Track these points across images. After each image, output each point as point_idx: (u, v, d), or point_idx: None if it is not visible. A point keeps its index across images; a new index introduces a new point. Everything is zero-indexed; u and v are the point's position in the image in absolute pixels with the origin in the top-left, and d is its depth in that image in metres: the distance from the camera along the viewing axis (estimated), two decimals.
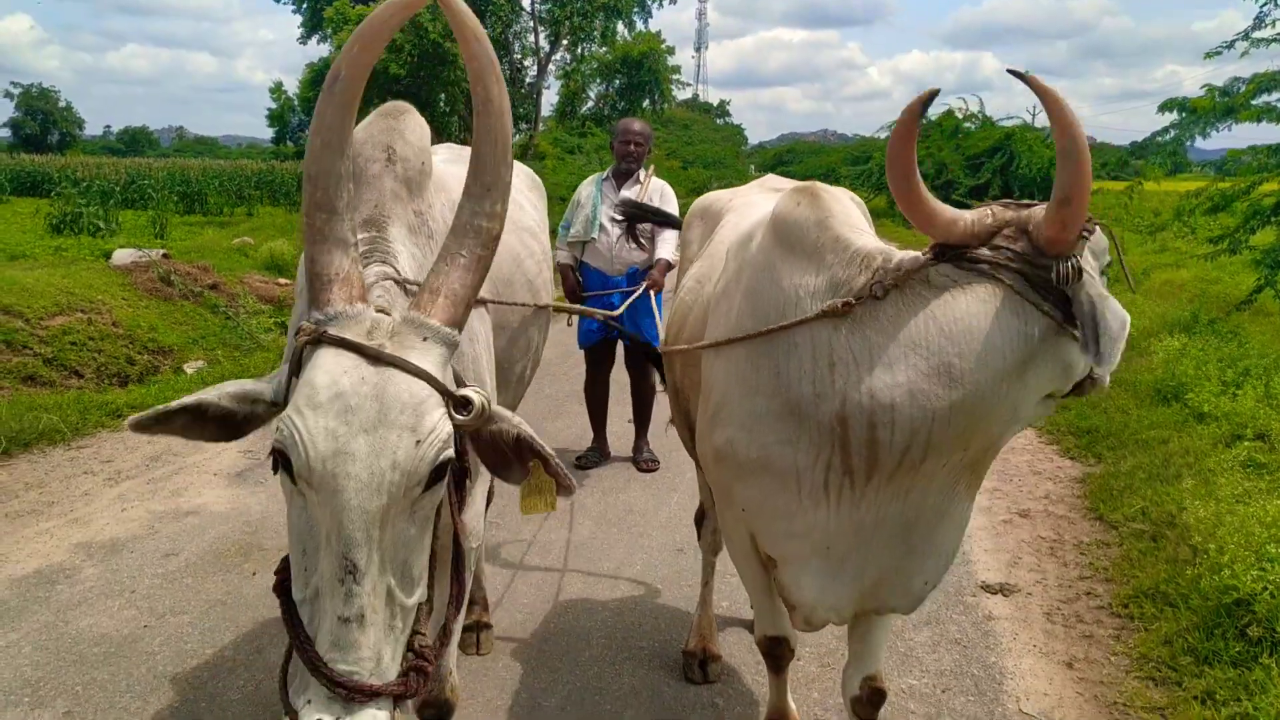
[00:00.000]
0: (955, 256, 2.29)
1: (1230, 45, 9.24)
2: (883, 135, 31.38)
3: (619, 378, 6.77)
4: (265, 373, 6.47)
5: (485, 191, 1.89)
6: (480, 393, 1.82)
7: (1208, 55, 9.22)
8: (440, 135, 31.36)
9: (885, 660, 2.99)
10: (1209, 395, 6.86)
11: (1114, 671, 4.03)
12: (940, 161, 24.89)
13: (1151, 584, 4.53)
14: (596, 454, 6.64)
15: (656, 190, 6.15)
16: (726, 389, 2.60)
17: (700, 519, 4.15)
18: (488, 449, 1.94)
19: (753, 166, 66.11)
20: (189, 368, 8.80)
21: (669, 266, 5.90)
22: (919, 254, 2.35)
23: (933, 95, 2.33)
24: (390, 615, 1.70)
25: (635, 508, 5.80)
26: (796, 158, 67.10)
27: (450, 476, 1.91)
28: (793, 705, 3.31)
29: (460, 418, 1.78)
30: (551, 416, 7.77)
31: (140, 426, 1.83)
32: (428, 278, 1.86)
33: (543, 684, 3.82)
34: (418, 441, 1.67)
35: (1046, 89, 2.12)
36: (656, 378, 6.54)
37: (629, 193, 6.13)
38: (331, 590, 1.64)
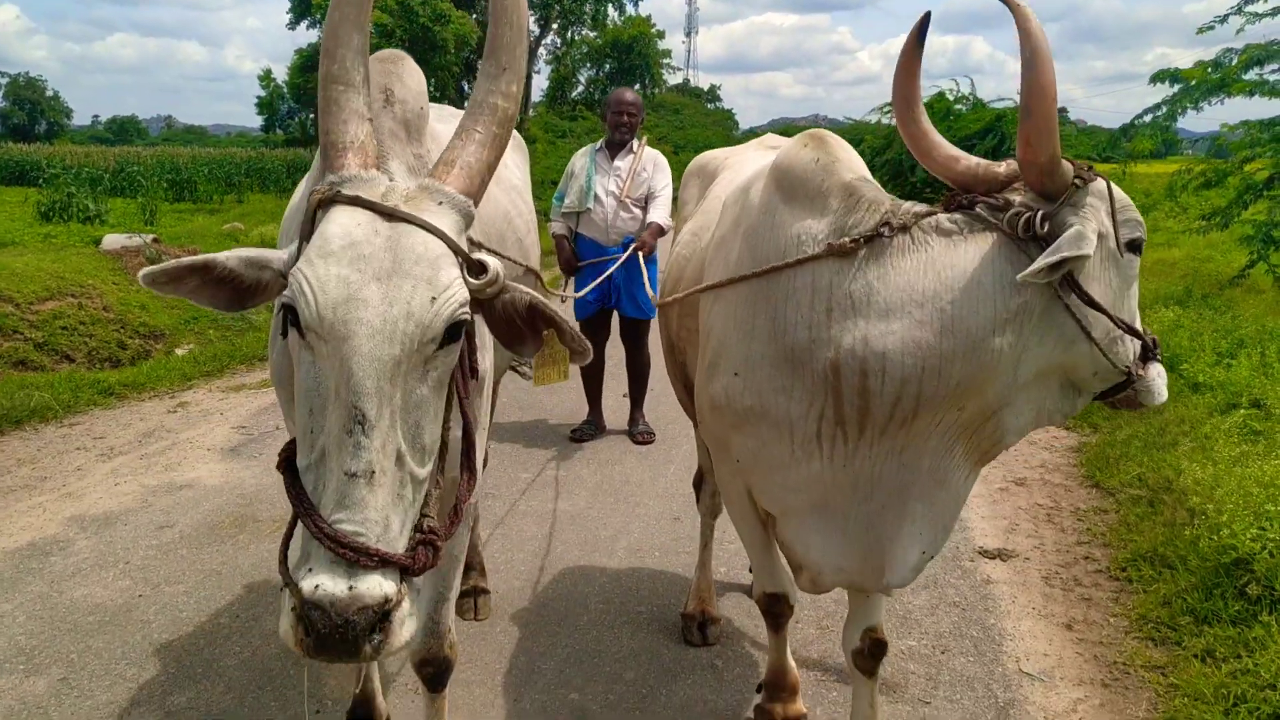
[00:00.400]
0: (965, 206, 2.30)
1: (1224, 20, 9.24)
2: (873, 119, 31.30)
3: (614, 352, 6.74)
4: (257, 352, 6.46)
5: (500, 71, 1.87)
6: (495, 260, 1.79)
7: (1201, 30, 9.22)
8: None
9: (885, 623, 2.97)
10: (1204, 365, 6.86)
11: (1113, 632, 4.02)
12: None
13: (1149, 547, 4.53)
14: (592, 427, 6.62)
15: (650, 160, 6.12)
16: (724, 335, 2.57)
17: (699, 483, 4.13)
18: (500, 322, 1.89)
19: None
20: (180, 350, 8.76)
21: (661, 231, 5.87)
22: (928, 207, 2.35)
23: (927, 16, 2.40)
24: (400, 482, 1.63)
25: (632, 479, 5.78)
26: None
27: (464, 348, 1.87)
28: (793, 664, 3.30)
29: (476, 281, 1.74)
30: (546, 391, 7.73)
31: (153, 279, 1.76)
32: (444, 152, 1.84)
33: (541, 648, 3.81)
34: (433, 295, 1.64)
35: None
36: (652, 350, 6.54)
37: (622, 163, 6.10)
38: (339, 445, 1.57)
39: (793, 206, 2.44)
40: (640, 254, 5.41)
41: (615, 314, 6.49)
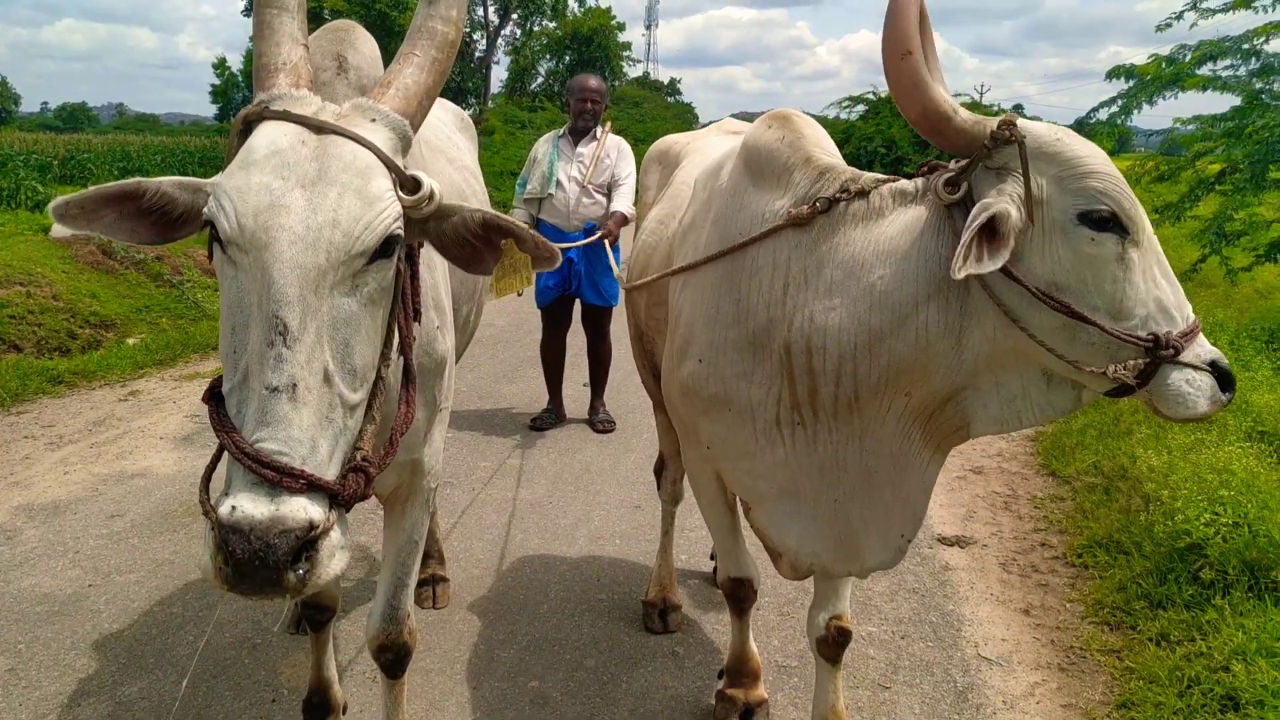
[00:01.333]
0: (931, 171, 2.20)
1: (1179, 16, 9.33)
2: (832, 113, 31.45)
3: (575, 342, 6.70)
4: (211, 341, 6.34)
5: None
6: (431, 181, 1.72)
7: (1159, 27, 9.30)
8: None
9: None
10: None
11: (1069, 617, 4.06)
12: (890, 138, 24.98)
13: (1105, 533, 4.58)
14: (552, 415, 6.57)
15: (613, 147, 6.09)
16: (692, 321, 2.54)
17: (660, 470, 4.11)
18: (453, 245, 1.83)
19: None
20: (132, 340, 8.59)
21: (625, 220, 5.84)
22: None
23: None
24: (328, 404, 1.54)
25: (592, 467, 5.75)
26: None
27: (405, 284, 1.81)
28: (755, 650, 3.29)
29: (409, 198, 1.68)
30: (506, 380, 7.69)
31: (65, 211, 1.65)
32: (381, 76, 1.82)
33: (500, 635, 3.77)
34: (362, 204, 1.58)
35: None
36: (613, 339, 6.52)
37: (585, 150, 6.06)
38: (260, 360, 1.48)
39: (759, 186, 2.41)
40: (607, 243, 5.38)
41: (577, 301, 6.44)
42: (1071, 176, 1.98)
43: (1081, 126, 11.97)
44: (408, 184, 1.70)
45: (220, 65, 46.35)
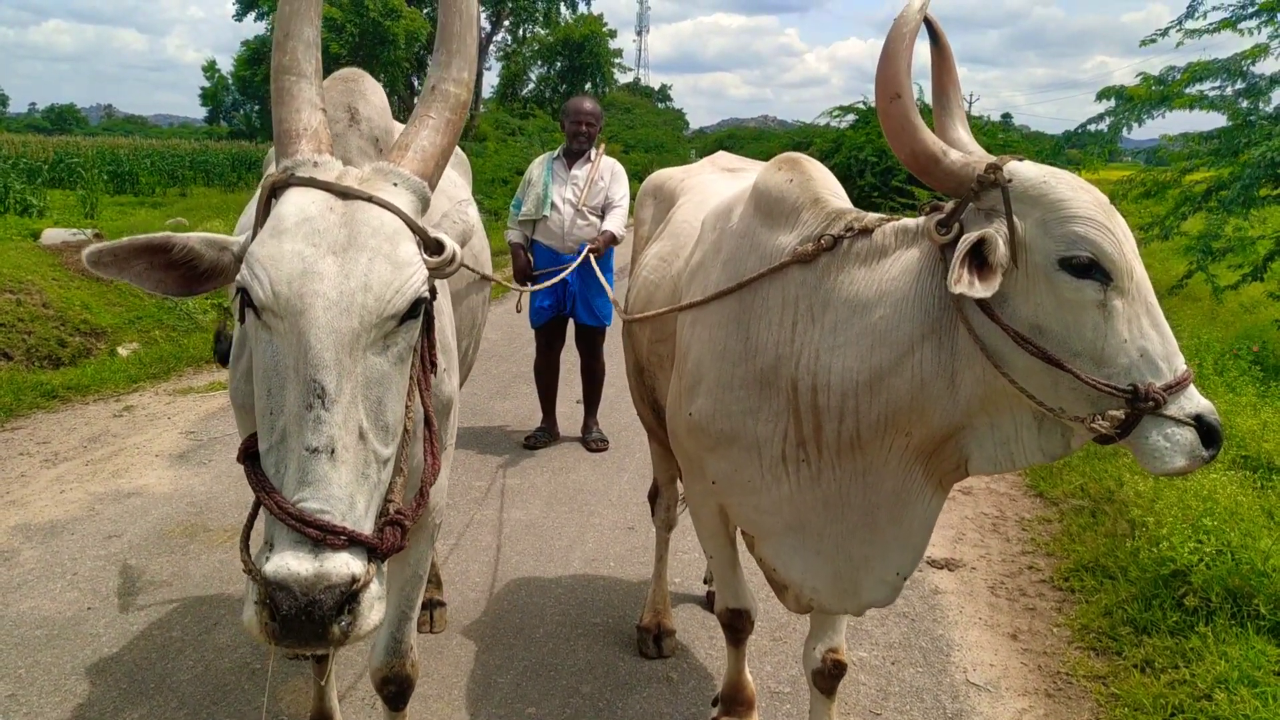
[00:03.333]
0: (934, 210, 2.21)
1: (1164, 33, 9.44)
2: (823, 122, 31.55)
3: (567, 358, 6.75)
4: (204, 354, 6.36)
5: (450, 58, 1.90)
6: (452, 242, 1.80)
7: (1143, 42, 9.41)
8: None
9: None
10: None
11: (1056, 642, 4.13)
12: (880, 148, 25.02)
13: (1091, 557, 4.65)
14: (546, 434, 6.63)
15: (607, 169, 6.15)
16: (700, 360, 2.59)
17: (654, 496, 4.16)
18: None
19: (694, 151, 66.09)
20: (123, 350, 8.60)
21: (613, 239, 5.92)
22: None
23: None
24: (364, 460, 1.60)
25: (586, 487, 5.80)
26: (738, 143, 67.13)
27: (424, 331, 1.86)
28: (750, 679, 3.35)
29: (433, 259, 1.75)
30: (499, 397, 7.74)
31: (98, 259, 1.73)
32: (398, 137, 1.87)
33: (498, 660, 3.82)
34: (393, 269, 1.64)
35: None
36: (607, 357, 6.58)
37: (580, 172, 6.12)
38: (299, 422, 1.54)
39: (769, 226, 2.47)
40: (592, 257, 5.43)
41: (570, 321, 6.50)
42: (1055, 220, 1.98)
43: (1069, 139, 12.09)
44: (431, 246, 1.76)
45: (210, 68, 46.30)
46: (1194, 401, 2.00)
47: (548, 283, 4.80)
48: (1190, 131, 10.35)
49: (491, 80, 38.86)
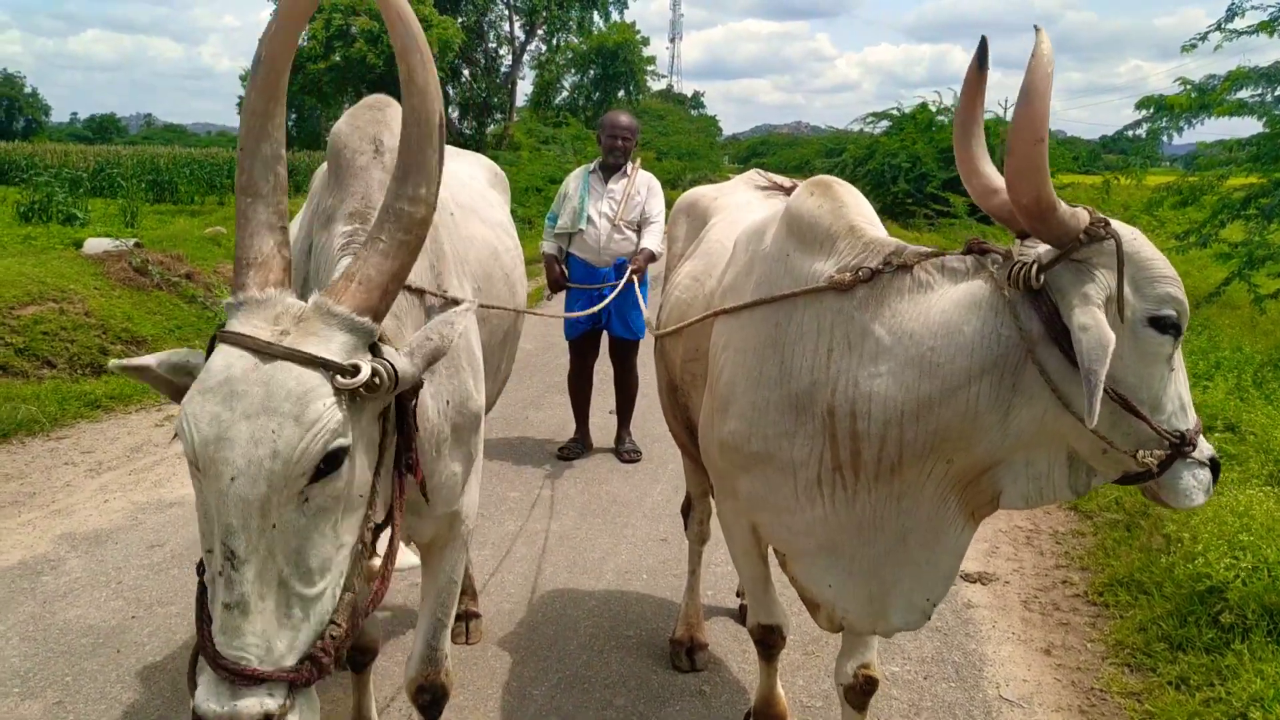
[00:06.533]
0: (978, 251, 2.28)
1: (1204, 37, 9.37)
2: (855, 128, 31.47)
3: (600, 369, 6.81)
4: None
5: (405, 174, 1.85)
6: (379, 364, 1.77)
7: (1185, 48, 9.34)
8: None
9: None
10: None
11: (1090, 658, 4.12)
12: (914, 154, 24.98)
13: (1126, 572, 4.63)
14: (579, 445, 6.68)
15: (643, 184, 6.20)
16: (733, 381, 2.62)
17: (687, 510, 4.19)
18: None
19: (726, 158, 66.07)
20: None
21: (652, 257, 5.96)
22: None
23: (984, 43, 2.33)
24: (285, 604, 1.68)
25: (619, 498, 5.84)
26: (770, 149, 67.13)
27: (395, 463, 1.93)
28: (781, 693, 3.37)
29: (344, 381, 1.71)
30: (533, 408, 7.80)
31: (121, 370, 1.86)
32: (348, 264, 1.85)
33: (532, 673, 3.86)
34: (300, 429, 1.65)
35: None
36: (640, 369, 6.62)
37: (616, 186, 6.18)
38: (216, 576, 1.65)
39: (804, 251, 2.49)
40: (635, 278, 5.49)
41: (605, 334, 6.56)
42: (1146, 280, 2.10)
43: (1105, 145, 12.02)
44: (347, 372, 1.73)
45: (247, 77, 46.81)
46: (1206, 446, 2.25)
47: (589, 310, 4.86)
48: (1227, 138, 10.28)
49: (525, 89, 39.04)
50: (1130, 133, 11.98)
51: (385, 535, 1.99)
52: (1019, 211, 2.12)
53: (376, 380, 1.75)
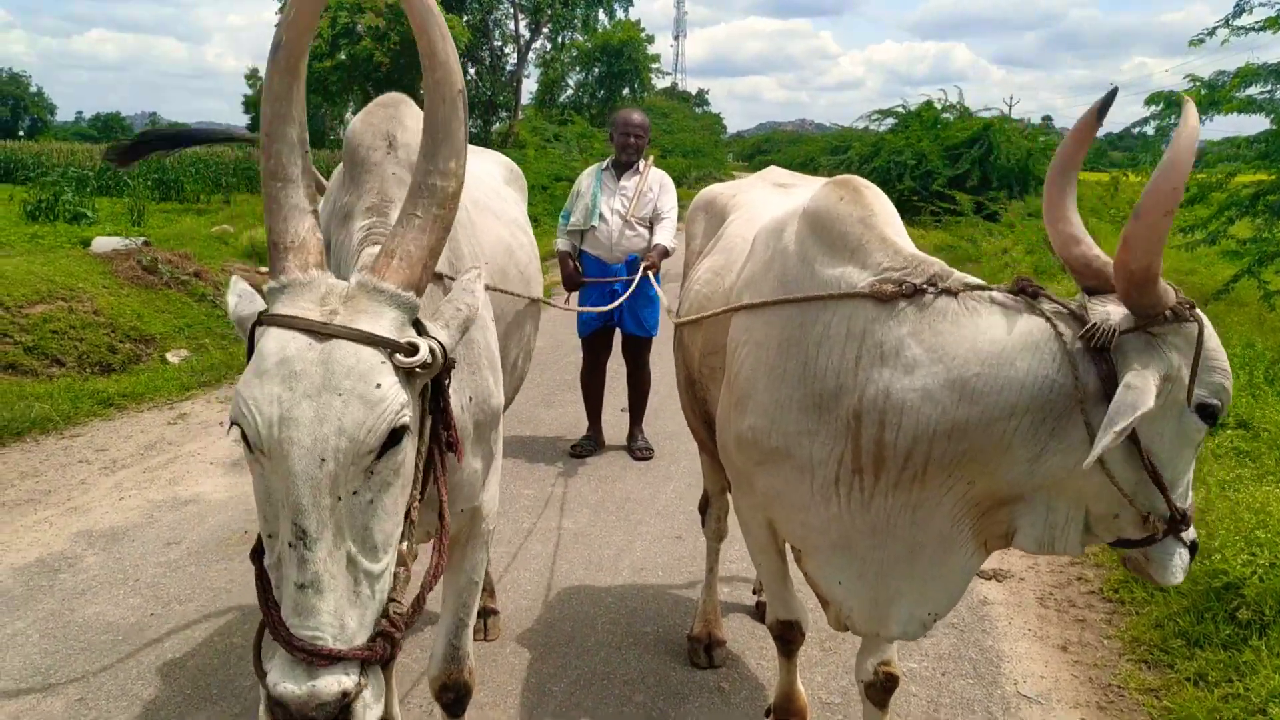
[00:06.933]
0: (1029, 294, 2.28)
1: (1211, 33, 9.35)
2: (860, 125, 31.48)
3: (612, 366, 6.82)
4: None
5: (437, 148, 1.87)
6: (430, 341, 1.80)
7: (1193, 42, 9.32)
8: None
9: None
10: None
11: (1107, 655, 4.12)
12: (920, 151, 24.98)
13: None
14: (592, 443, 6.69)
15: (656, 181, 6.21)
16: (753, 376, 2.62)
17: (704, 507, 4.20)
18: None
19: (731, 155, 66.04)
20: (172, 356, 8.75)
21: (665, 252, 5.97)
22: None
23: (1112, 94, 2.34)
24: (353, 581, 1.69)
25: (632, 496, 5.85)
26: (775, 146, 67.11)
27: (433, 439, 1.94)
28: (801, 689, 3.37)
29: (405, 360, 1.74)
30: (544, 405, 7.81)
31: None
32: (385, 241, 1.86)
33: (550, 669, 3.87)
34: (365, 406, 1.67)
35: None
36: (652, 367, 6.63)
37: (628, 183, 6.19)
38: (287, 557, 1.64)
39: (829, 255, 2.48)
40: (650, 274, 5.50)
41: (617, 331, 6.57)
42: (1207, 368, 2.12)
43: (1112, 143, 12.02)
44: (405, 351, 1.75)
45: (252, 76, 46.89)
46: (1191, 529, 2.34)
47: (605, 308, 4.87)
48: (1234, 135, 10.26)
49: (530, 87, 39.00)
50: (1137, 130, 11.98)
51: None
52: (1124, 275, 2.07)
53: (431, 357, 1.78)
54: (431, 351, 1.78)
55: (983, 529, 2.40)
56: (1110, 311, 2.15)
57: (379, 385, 1.69)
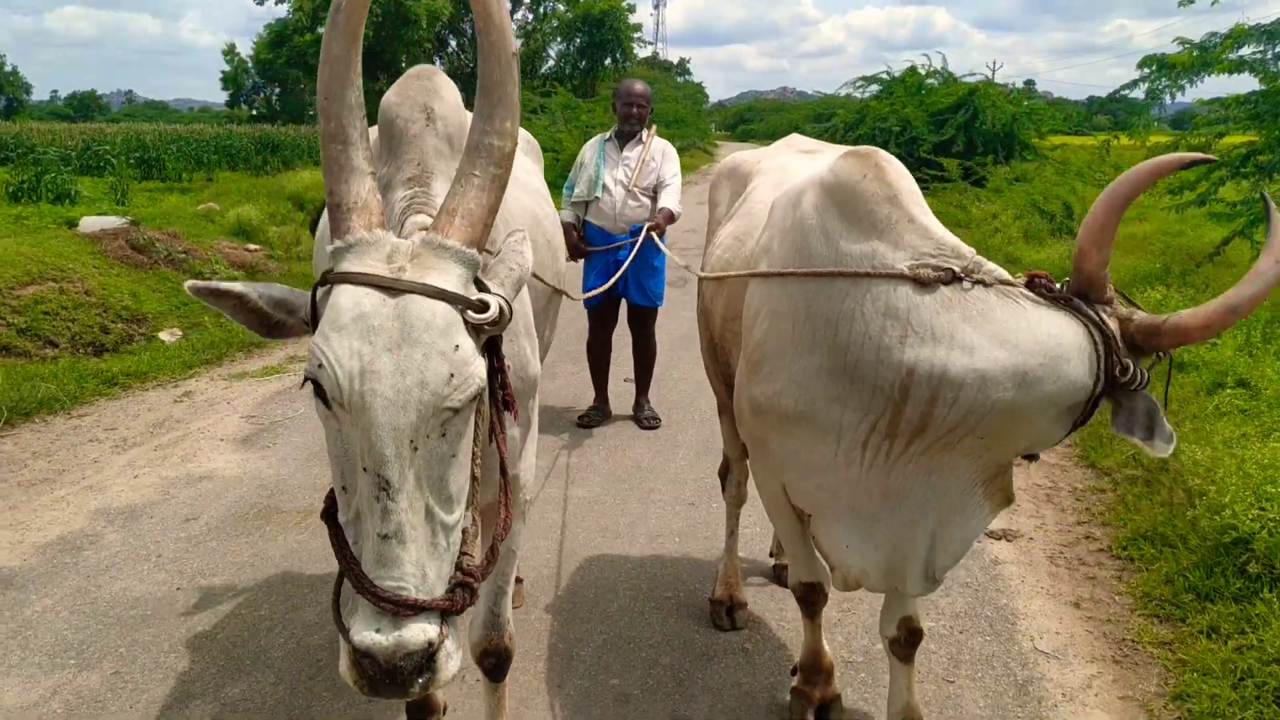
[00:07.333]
0: (1052, 295, 2.39)
1: None
2: (844, 93, 31.43)
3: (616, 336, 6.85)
4: (255, 340, 6.55)
5: (493, 109, 1.89)
6: (498, 298, 1.84)
7: (1182, 2, 9.34)
8: None
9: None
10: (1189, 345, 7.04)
11: (1119, 610, 4.20)
12: (904, 118, 24.91)
13: (1149, 526, 4.71)
14: (599, 413, 6.73)
15: (658, 150, 6.23)
16: (772, 344, 2.66)
17: (725, 473, 4.25)
18: None
19: (713, 125, 65.76)
20: (165, 335, 8.71)
21: (671, 216, 5.99)
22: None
23: (1199, 162, 2.51)
24: (431, 532, 1.73)
25: (643, 464, 5.90)
26: (758, 115, 66.90)
27: (490, 399, 1.97)
28: (827, 649, 3.44)
29: (478, 316, 1.78)
30: (546, 378, 7.79)
31: (197, 291, 1.87)
32: (445, 200, 1.88)
33: (577, 634, 3.93)
34: (449, 365, 1.70)
35: None
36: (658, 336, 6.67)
37: (631, 153, 6.20)
38: (370, 509, 1.68)
39: (855, 232, 2.49)
40: (655, 235, 5.52)
41: (623, 302, 6.60)
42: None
43: (1094, 107, 12.07)
44: (476, 306, 1.80)
45: (230, 52, 46.32)
46: None
47: (603, 286, 4.92)
48: (1222, 96, 10.32)
49: None
50: (1127, 93, 12.03)
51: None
52: (1178, 334, 2.28)
53: (499, 314, 1.82)
54: (499, 308, 1.82)
55: (987, 498, 2.56)
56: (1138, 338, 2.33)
57: (455, 338, 1.73)
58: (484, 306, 1.80)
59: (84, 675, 3.58)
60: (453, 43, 34.42)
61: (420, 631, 1.68)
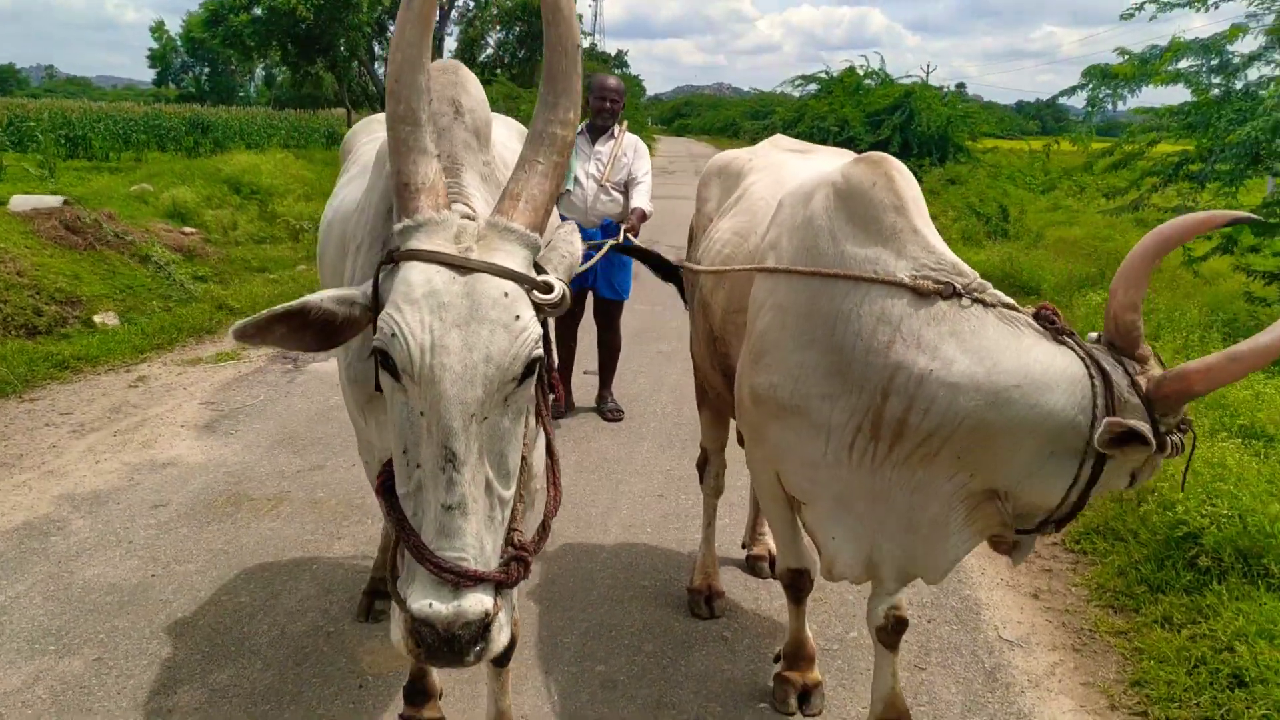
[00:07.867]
0: (1056, 328, 2.48)
1: (1140, 7, 9.69)
2: (781, 90, 31.73)
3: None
4: (202, 325, 6.54)
5: (558, 99, 1.95)
6: (559, 280, 1.91)
7: (1124, 16, 9.65)
8: (340, 80, 30.37)
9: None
10: None
11: (1076, 601, 4.38)
12: (842, 118, 25.28)
13: (1101, 521, 4.91)
14: (562, 405, 6.77)
15: (630, 146, 6.28)
16: (773, 336, 2.77)
17: (703, 464, 4.33)
18: None
19: (650, 119, 65.79)
20: (100, 318, 8.50)
21: (644, 216, 6.06)
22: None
23: (1246, 220, 2.70)
24: (489, 506, 1.78)
25: (609, 456, 5.96)
26: (695, 110, 67.04)
27: (537, 382, 2.01)
28: (810, 636, 3.55)
29: (543, 297, 1.86)
30: None
31: (244, 335, 1.87)
32: (508, 185, 1.93)
33: (560, 622, 3.99)
34: (510, 339, 1.76)
35: None
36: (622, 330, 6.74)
37: (603, 148, 6.25)
38: (434, 480, 1.73)
39: (861, 237, 2.62)
40: (632, 236, 5.59)
41: (590, 295, 6.64)
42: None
43: (1023, 111, 12.41)
44: (542, 288, 1.87)
45: (158, 28, 45.26)
46: None
47: (584, 264, 4.96)
48: (1155, 106, 10.68)
49: (450, 45, 38.37)
50: (1065, 100, 12.37)
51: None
52: (1182, 389, 2.31)
53: (560, 297, 1.88)
54: (563, 291, 1.89)
55: (969, 523, 2.65)
56: (1142, 390, 2.35)
57: (519, 317, 1.79)
58: (549, 287, 1.87)
59: (66, 661, 3.54)
60: (392, 27, 33.93)
61: (478, 602, 1.73)
